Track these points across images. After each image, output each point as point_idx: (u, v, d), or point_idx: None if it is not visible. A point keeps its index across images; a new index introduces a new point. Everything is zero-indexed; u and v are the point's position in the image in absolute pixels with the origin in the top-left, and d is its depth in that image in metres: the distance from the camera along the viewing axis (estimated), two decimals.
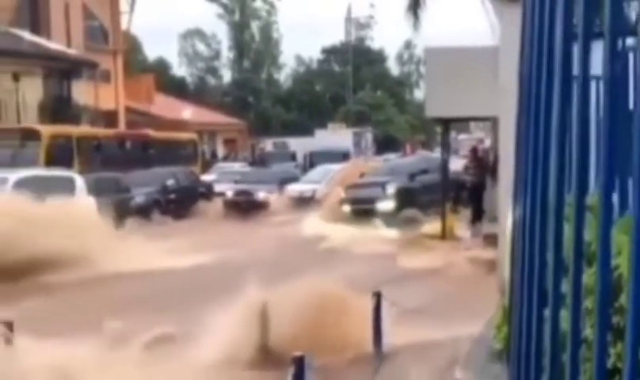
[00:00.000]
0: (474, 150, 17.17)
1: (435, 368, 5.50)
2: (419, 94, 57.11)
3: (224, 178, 23.25)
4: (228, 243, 13.50)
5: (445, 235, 13.73)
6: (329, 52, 60.71)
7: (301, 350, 5.70)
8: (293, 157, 32.86)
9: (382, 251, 12.45)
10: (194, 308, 7.32)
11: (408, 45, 61.24)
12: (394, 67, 63.83)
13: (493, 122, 13.31)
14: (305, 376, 4.47)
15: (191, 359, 6.30)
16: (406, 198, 16.83)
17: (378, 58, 61.56)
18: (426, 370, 5.64)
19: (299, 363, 4.47)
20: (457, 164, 17.71)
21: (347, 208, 17.58)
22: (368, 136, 41.73)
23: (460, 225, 14.69)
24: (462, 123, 33.61)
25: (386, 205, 17.06)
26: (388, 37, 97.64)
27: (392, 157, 32.55)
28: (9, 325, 5.65)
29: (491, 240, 10.43)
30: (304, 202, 19.56)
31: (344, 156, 28.95)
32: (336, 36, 65.94)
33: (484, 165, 14.96)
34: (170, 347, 6.73)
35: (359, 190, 18.40)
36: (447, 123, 14.82)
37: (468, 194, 15.27)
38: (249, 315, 6.58)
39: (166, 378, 5.98)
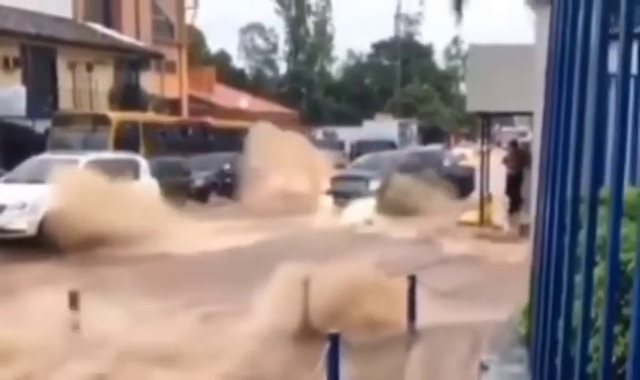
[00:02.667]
0: (513, 143, 16.83)
1: (463, 349, 5.47)
2: (465, 88, 56.32)
3: None
4: (277, 224, 13.61)
5: (483, 224, 13.54)
6: (379, 47, 60.38)
7: (339, 326, 5.77)
8: (341, 145, 32.83)
9: (419, 237, 12.36)
10: (245, 283, 7.38)
11: (455, 41, 60.57)
12: (441, 62, 63.15)
13: (532, 116, 13.04)
14: (339, 353, 4.51)
15: (240, 331, 6.39)
16: (390, 195, 15.47)
17: (425, 52, 60.92)
18: (455, 351, 5.62)
19: (335, 341, 4.50)
20: (497, 156, 17.32)
21: (330, 200, 17.06)
22: (413, 127, 41.37)
23: (498, 214, 14.46)
24: (505, 116, 33.00)
25: (367, 202, 15.82)
26: (437, 33, 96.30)
27: (437, 148, 32.22)
28: (75, 295, 5.83)
29: (527, 230, 10.26)
30: None
31: (389, 145, 28.77)
32: (386, 31, 65.43)
33: (523, 158, 14.66)
34: (223, 319, 6.85)
35: (343, 183, 17.62)
36: (487, 117, 14.58)
37: (506, 185, 14.99)
38: (293, 291, 6.64)
39: (217, 348, 6.07)
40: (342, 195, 16.79)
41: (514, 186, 14.56)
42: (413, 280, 6.75)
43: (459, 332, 6.36)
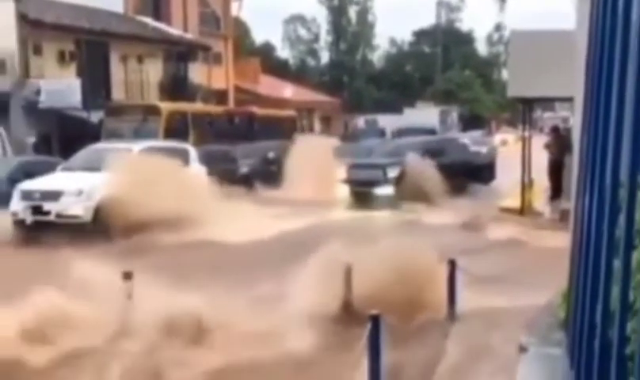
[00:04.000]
0: (555, 129, 16.45)
1: (503, 332, 5.42)
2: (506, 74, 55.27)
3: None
4: (318, 210, 13.68)
5: (524, 210, 13.33)
6: (420, 34, 59.69)
7: (380, 309, 5.79)
8: (382, 133, 32.67)
9: (459, 222, 12.23)
10: (289, 267, 7.42)
11: (498, 27, 59.51)
12: (482, 49, 62.12)
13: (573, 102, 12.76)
14: (380, 334, 4.53)
15: (286, 312, 6.47)
16: (410, 183, 14.77)
17: (467, 39, 59.97)
18: (494, 334, 5.58)
19: (375, 322, 4.53)
20: (539, 142, 16.96)
21: (346, 189, 16.02)
22: (454, 114, 40.82)
23: (540, 200, 14.21)
24: (547, 102, 32.29)
25: (385, 190, 15.16)
26: (479, 20, 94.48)
27: (477, 135, 31.70)
28: (129, 275, 6.00)
29: (568, 216, 10.07)
30: None
31: (430, 133, 28.46)
32: (427, 19, 64.56)
33: (564, 143, 14.35)
34: (267, 300, 6.94)
35: (360, 171, 16.46)
36: (527, 103, 14.31)
37: (548, 171, 14.69)
38: (336, 275, 6.68)
39: (264, 329, 6.16)
40: (359, 184, 15.89)
41: (555, 172, 14.27)
42: (453, 265, 6.71)
43: (498, 317, 6.30)
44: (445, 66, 54.40)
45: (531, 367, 3.89)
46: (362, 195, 15.46)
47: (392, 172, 15.58)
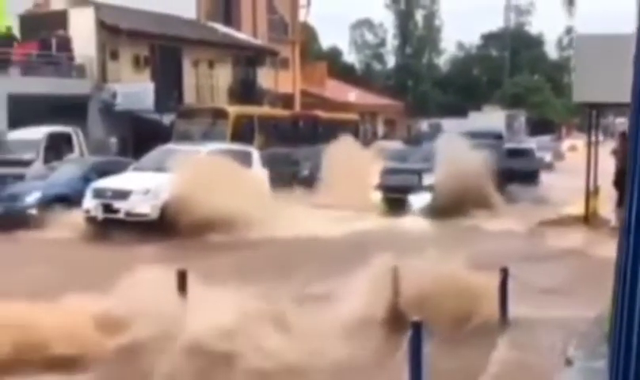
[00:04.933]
0: (622, 135, 15.74)
1: (552, 344, 5.25)
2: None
3: (380, 155, 23.39)
4: (369, 215, 13.62)
5: (588, 218, 12.83)
6: (488, 38, 58.47)
7: (430, 315, 5.71)
8: None
9: (520, 230, 11.90)
10: (342, 270, 7.44)
11: (569, 31, 57.58)
12: (553, 52, 60.28)
13: None
14: (422, 340, 4.46)
15: (333, 315, 6.47)
16: (449, 189, 13.44)
17: (536, 43, 58.31)
18: (543, 345, 5.40)
19: (417, 328, 4.46)
20: (609, 147, 16.23)
21: (378, 195, 14.86)
22: (521, 119, 39.68)
23: (605, 208, 13.64)
24: (619, 107, 30.92)
25: (421, 198, 14.03)
26: (549, 23, 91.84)
27: (544, 140, 30.80)
28: (184, 274, 6.13)
29: None
30: None
31: (495, 137, 27.73)
32: (495, 23, 63.17)
33: None
34: (320, 303, 6.95)
35: (393, 177, 15.33)
36: (594, 108, 13.78)
37: (614, 177, 14.08)
38: (386, 279, 6.62)
39: (311, 330, 6.18)
40: (392, 190, 14.84)
41: (622, 178, 13.67)
42: (505, 273, 6.54)
43: (550, 327, 6.11)
44: (514, 70, 53.04)
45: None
46: (395, 202, 14.54)
47: (428, 179, 14.41)
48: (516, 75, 52.61)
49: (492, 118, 35.35)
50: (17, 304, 5.72)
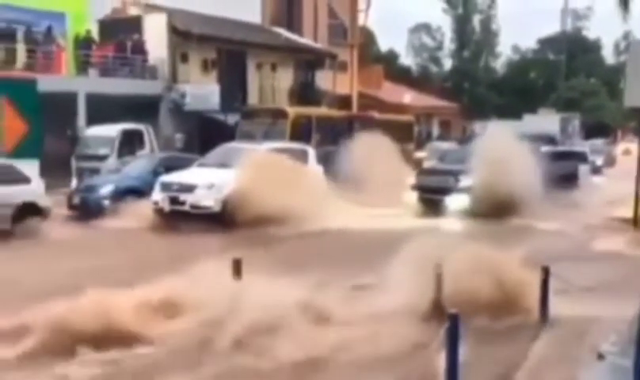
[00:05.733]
0: None
1: (589, 341, 5.20)
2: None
3: (433, 155, 23.22)
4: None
5: (637, 220, 12.42)
6: (545, 42, 56.93)
7: (471, 309, 5.74)
8: None
9: (568, 230, 11.64)
10: (390, 263, 7.44)
11: (626, 36, 55.40)
12: (610, 57, 58.14)
13: None
14: (459, 332, 4.51)
15: (377, 306, 6.57)
16: (488, 192, 12.64)
17: (593, 47, 56.36)
18: (580, 342, 5.36)
19: (454, 320, 4.52)
20: None
21: (414, 196, 14.39)
22: (576, 122, 38.47)
23: None
24: None
25: (458, 201, 13.36)
26: (607, 28, 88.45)
27: (598, 143, 29.81)
28: (239, 263, 6.36)
29: None
30: None
31: (549, 140, 27.03)
32: (552, 27, 61.36)
33: None
34: (365, 294, 7.07)
35: (430, 177, 14.89)
36: None
37: None
38: (430, 273, 6.65)
39: (353, 319, 6.30)
40: (428, 191, 14.39)
41: None
42: (546, 271, 6.49)
43: (590, 326, 6.04)
44: (570, 73, 51.47)
45: (602, 375, 3.76)
46: (430, 202, 14.09)
47: (465, 181, 13.71)
48: (572, 79, 51.05)
49: (546, 120, 34.47)
50: (92, 287, 6.07)
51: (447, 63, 60.19)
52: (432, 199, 14.16)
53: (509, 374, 4.93)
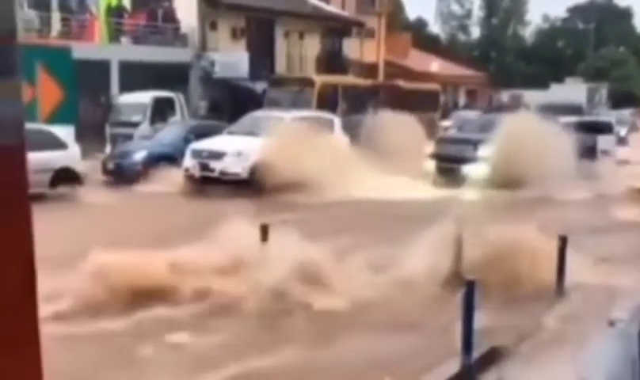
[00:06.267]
0: None
1: (604, 309, 5.25)
2: None
3: (457, 124, 23.05)
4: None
5: None
6: (574, 10, 55.31)
7: (489, 278, 5.82)
8: (525, 108, 30.97)
9: (587, 201, 11.52)
10: (412, 233, 7.50)
11: None
12: None
13: None
14: (474, 298, 4.60)
15: (398, 274, 6.68)
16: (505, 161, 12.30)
17: (624, 15, 54.56)
18: (595, 310, 5.41)
19: (470, 286, 4.62)
20: None
21: (432, 164, 14.22)
22: (603, 91, 37.59)
23: None
24: None
25: (476, 169, 13.01)
26: None
27: (625, 113, 29.12)
28: (266, 227, 6.53)
29: None
30: None
31: (576, 110, 26.52)
32: None
33: None
34: (387, 262, 7.16)
35: (448, 146, 14.66)
36: None
37: None
38: (450, 242, 6.72)
39: (374, 286, 6.42)
40: (446, 160, 14.14)
41: None
42: (564, 241, 6.52)
43: (606, 295, 6.07)
44: (600, 42, 50.08)
45: (611, 341, 3.83)
46: (448, 171, 13.86)
47: (483, 150, 13.44)
48: (602, 48, 49.68)
49: (573, 90, 33.75)
50: (129, 248, 6.31)
51: (475, 32, 59.11)
52: (449, 168, 13.96)
53: (517, 345, 5.02)
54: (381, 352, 5.02)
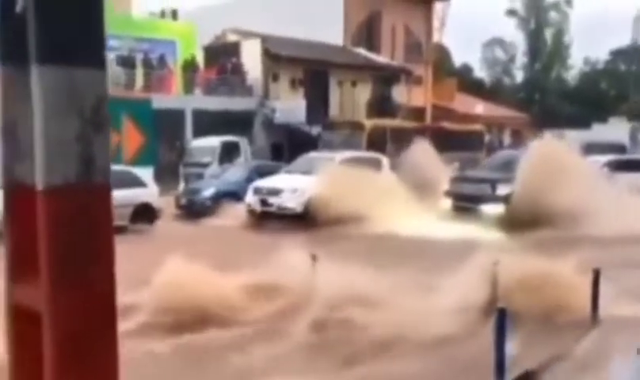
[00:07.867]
0: None
1: (636, 339, 5.18)
2: None
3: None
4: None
5: None
6: (616, 53, 53.82)
7: (524, 309, 5.78)
8: None
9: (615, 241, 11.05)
10: (451, 264, 7.38)
11: None
12: None
13: None
14: (506, 326, 4.59)
15: (436, 303, 6.72)
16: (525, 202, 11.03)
17: None
18: (627, 341, 5.33)
19: (502, 314, 4.62)
20: None
21: (448, 203, 13.43)
22: None
23: None
24: None
25: (494, 209, 12.04)
26: None
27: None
28: (315, 257, 6.79)
29: None
30: None
31: (619, 149, 25.63)
32: (625, 38, 57.82)
33: None
34: (424, 292, 7.20)
35: (464, 185, 13.63)
36: None
37: None
38: (487, 275, 6.71)
39: (412, 315, 6.49)
40: (463, 199, 13.20)
41: None
42: (597, 274, 6.42)
43: (637, 325, 5.97)
44: None
45: (638, 368, 3.82)
46: (464, 211, 12.91)
47: (503, 189, 12.32)
48: None
49: (615, 130, 32.68)
50: (196, 272, 6.69)
51: (519, 75, 58.26)
52: (465, 206, 13.08)
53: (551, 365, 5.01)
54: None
